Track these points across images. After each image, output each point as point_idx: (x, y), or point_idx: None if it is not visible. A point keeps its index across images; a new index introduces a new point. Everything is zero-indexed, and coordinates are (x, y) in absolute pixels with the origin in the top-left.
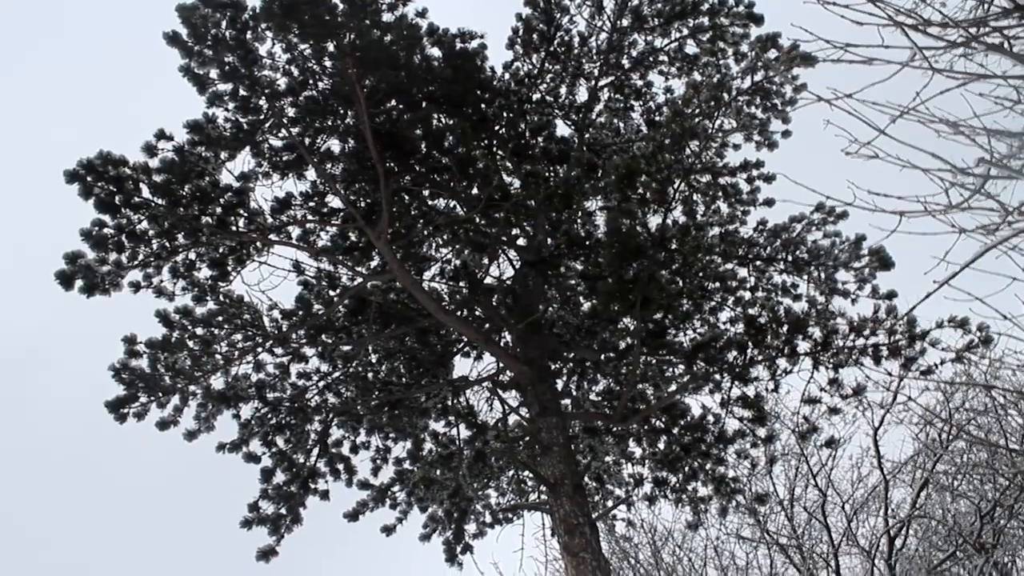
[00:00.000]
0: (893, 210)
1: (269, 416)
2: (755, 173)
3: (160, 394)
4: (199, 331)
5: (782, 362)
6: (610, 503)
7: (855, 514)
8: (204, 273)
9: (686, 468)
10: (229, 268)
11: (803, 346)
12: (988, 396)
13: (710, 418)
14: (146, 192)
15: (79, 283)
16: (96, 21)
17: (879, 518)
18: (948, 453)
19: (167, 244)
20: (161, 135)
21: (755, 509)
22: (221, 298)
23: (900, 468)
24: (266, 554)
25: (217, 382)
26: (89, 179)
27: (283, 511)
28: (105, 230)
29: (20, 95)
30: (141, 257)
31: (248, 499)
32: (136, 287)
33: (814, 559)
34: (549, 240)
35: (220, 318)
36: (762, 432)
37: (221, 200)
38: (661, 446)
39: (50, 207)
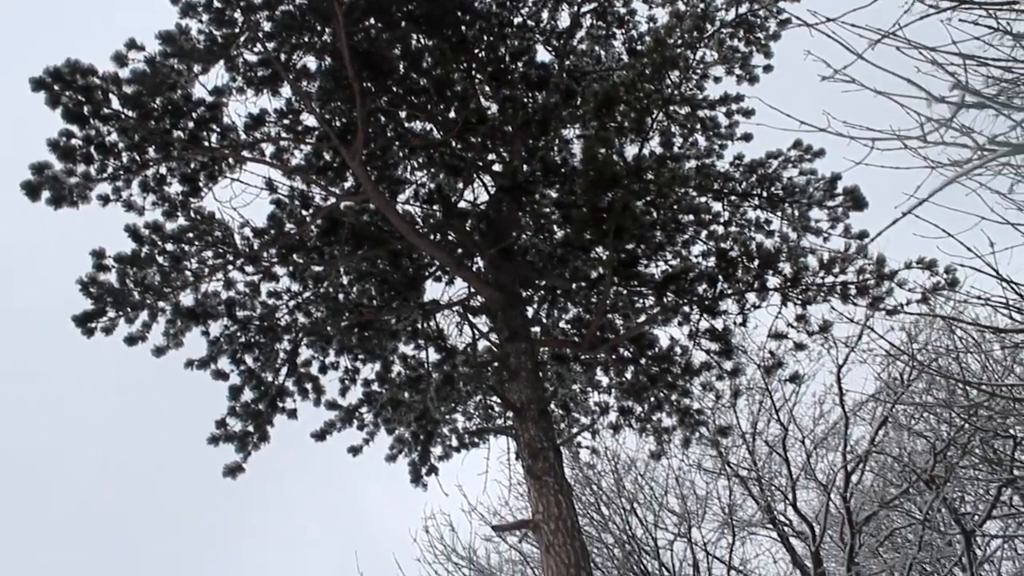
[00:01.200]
0: (867, 137)
1: (238, 334)
2: (734, 107)
3: (129, 309)
4: (169, 247)
5: (751, 296)
6: (575, 430)
7: (815, 449)
8: (175, 188)
9: (652, 398)
10: (200, 184)
11: (773, 281)
12: (950, 337)
13: (677, 350)
14: (116, 103)
15: (46, 194)
16: None
17: (837, 453)
18: (908, 393)
19: (137, 158)
20: (132, 45)
21: (717, 441)
22: (192, 214)
23: (861, 406)
24: (233, 471)
25: (186, 299)
26: (56, 88)
27: (250, 429)
28: (73, 141)
29: None
30: (110, 170)
31: (216, 416)
32: (105, 200)
33: (772, 491)
34: (525, 166)
35: (190, 234)
36: (728, 365)
37: (193, 114)
38: (628, 376)
39: (16, 116)
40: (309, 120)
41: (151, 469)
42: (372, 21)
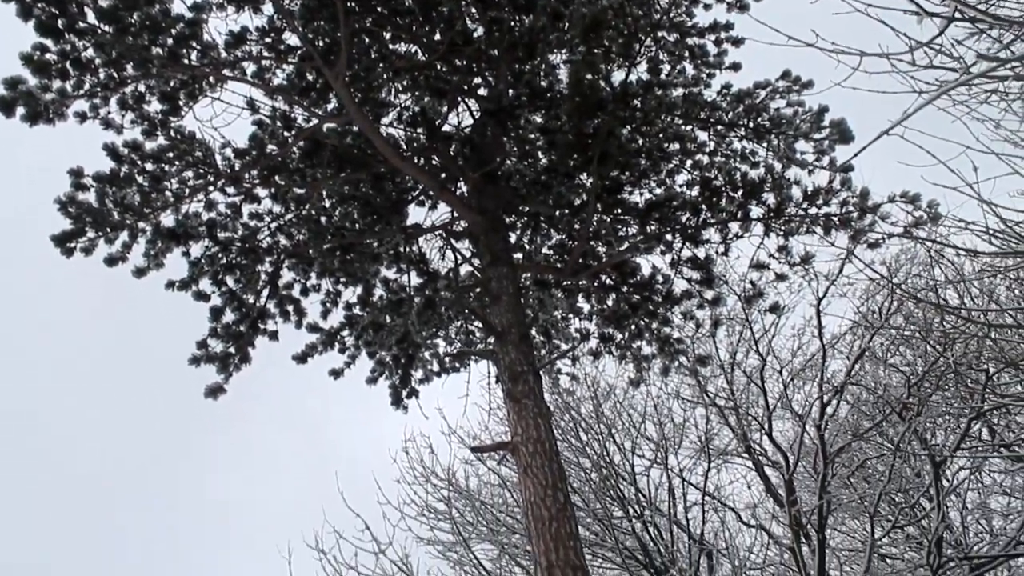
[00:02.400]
0: (854, 52)
1: (219, 255)
2: (724, 35)
3: (108, 230)
4: (149, 167)
5: (734, 226)
6: (555, 355)
7: (791, 380)
8: (154, 107)
9: (632, 326)
10: (180, 103)
11: (756, 212)
12: (929, 272)
13: (659, 278)
14: (92, 17)
15: (21, 110)
16: None
17: (814, 385)
18: (886, 326)
19: (115, 74)
20: None
21: (696, 370)
22: (172, 134)
23: (839, 339)
24: (214, 391)
25: (167, 219)
26: None
27: (232, 350)
28: (48, 55)
29: None
30: (87, 87)
31: (197, 337)
32: (82, 117)
33: (749, 421)
34: (510, 90)
35: (171, 154)
36: (709, 294)
37: (172, 31)
38: (609, 303)
39: None
40: (292, 39)
41: (133, 383)
42: None
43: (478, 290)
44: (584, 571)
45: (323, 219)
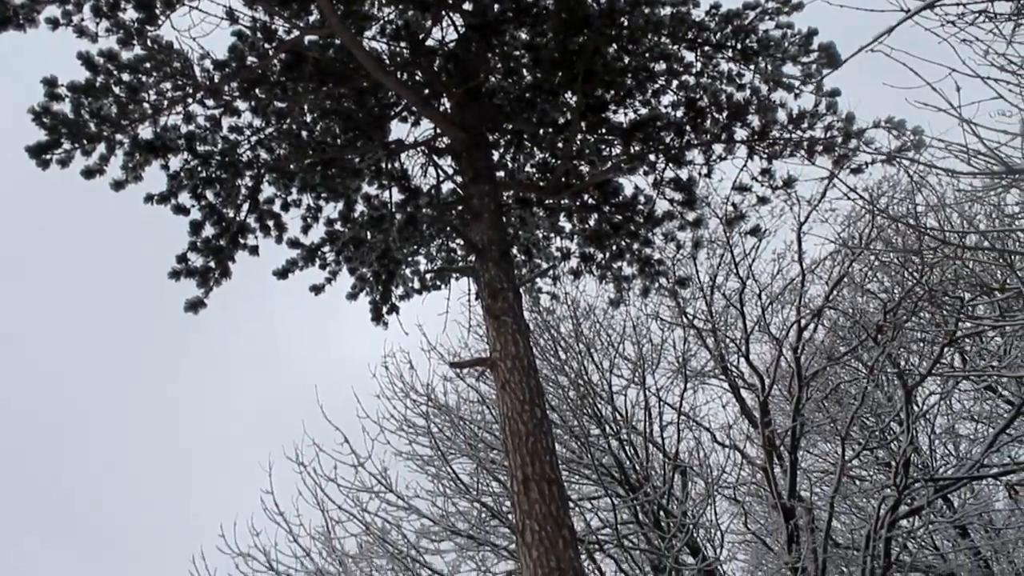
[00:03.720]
0: None
1: (199, 169)
2: None
3: (85, 141)
4: (125, 77)
5: (718, 148)
6: (536, 273)
7: (770, 304)
8: (130, 15)
9: (613, 246)
10: (157, 11)
11: (740, 134)
12: (911, 201)
13: (641, 199)
14: None
15: None
16: None
17: (792, 309)
18: (866, 251)
19: None
20: None
21: (676, 292)
22: (148, 43)
23: (819, 264)
24: (194, 305)
25: (145, 132)
26: None
27: (212, 264)
28: None
29: None
30: None
31: (176, 251)
32: (54, 24)
33: (726, 343)
34: (495, 5)
35: (148, 65)
36: (691, 216)
37: None
38: (591, 223)
39: None
40: None
41: (112, 297)
42: None
43: (460, 208)
44: (559, 484)
45: (304, 134)
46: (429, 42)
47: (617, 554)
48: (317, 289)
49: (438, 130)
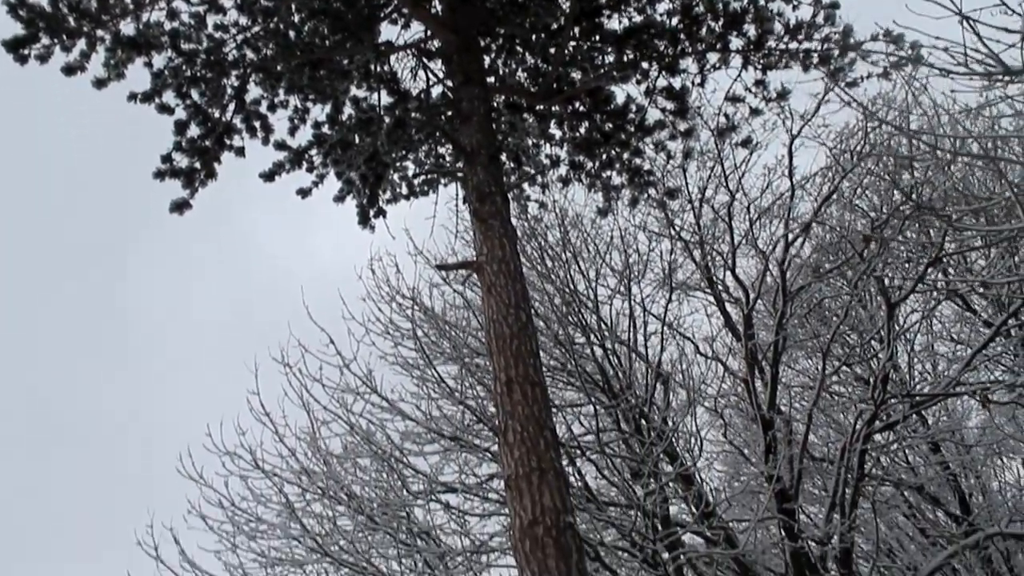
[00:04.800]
0: None
1: (183, 68)
2: None
3: (64, 36)
4: None
5: (712, 57)
6: (525, 183)
7: (758, 218)
8: None
9: (603, 155)
10: None
11: (736, 43)
12: (905, 115)
13: (633, 107)
14: None
15: None
16: None
17: (780, 224)
18: (859, 167)
19: None
20: None
21: (664, 203)
22: None
23: (809, 179)
24: (180, 206)
25: (127, 28)
26: None
27: (197, 165)
28: None
29: None
30: None
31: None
32: None
33: (713, 256)
34: None
35: None
36: (682, 126)
37: None
38: (582, 131)
39: None
40: None
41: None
42: None
43: (449, 111)
44: (542, 387)
45: (291, 33)
46: None
47: (598, 459)
48: (304, 192)
49: (428, 32)
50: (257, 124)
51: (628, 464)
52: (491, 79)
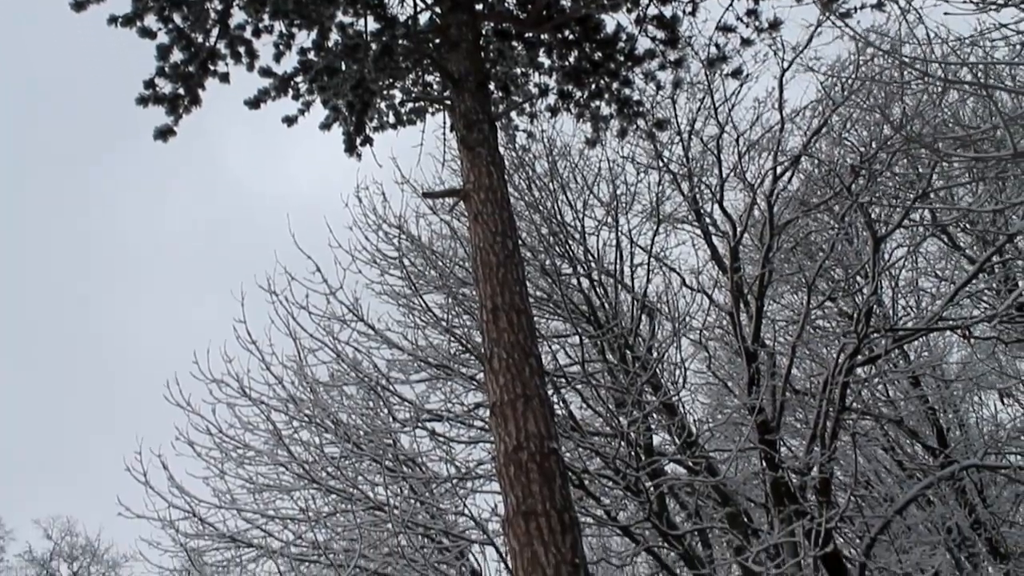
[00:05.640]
0: None
1: None
2: None
3: None
4: None
5: None
6: (514, 112)
7: (747, 151)
8: None
9: (592, 85)
10: None
11: None
12: (898, 48)
13: (623, 36)
14: None
15: None
16: None
17: (769, 157)
18: (851, 99)
19: None
20: None
21: (653, 134)
22: None
23: (800, 112)
24: (164, 133)
25: None
26: None
27: (181, 91)
28: None
29: None
30: None
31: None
32: None
33: (701, 189)
34: None
35: None
36: (672, 55)
37: None
38: (571, 60)
39: None
40: None
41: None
42: None
43: (437, 38)
44: (528, 315)
45: None
46: None
47: (583, 389)
48: (290, 120)
49: None
50: (242, 50)
51: (613, 394)
52: (479, 5)
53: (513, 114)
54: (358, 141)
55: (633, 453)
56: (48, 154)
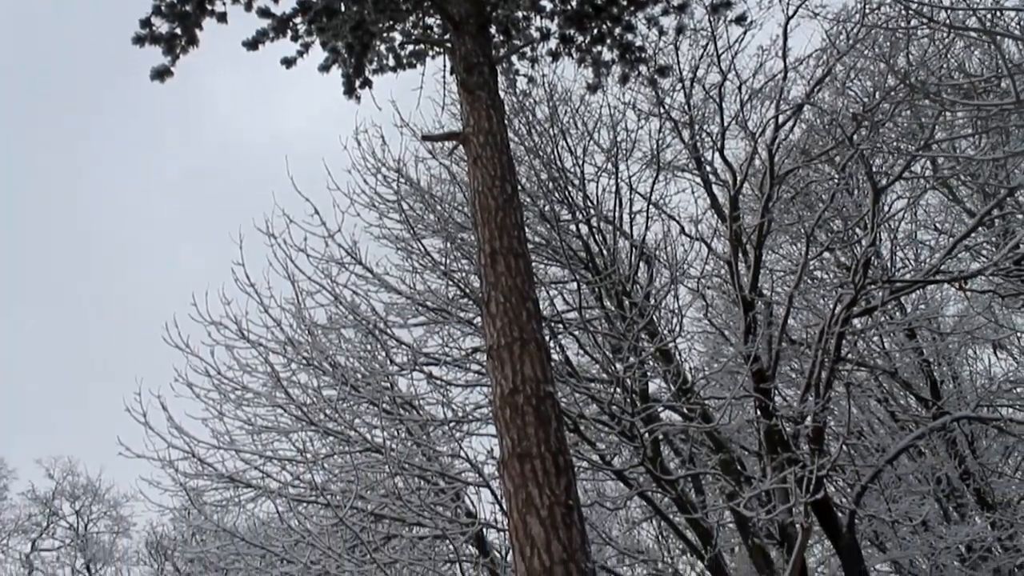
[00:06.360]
0: None
1: None
2: None
3: None
4: None
5: None
6: (514, 56)
7: (749, 100)
8: None
9: (594, 29)
10: None
11: None
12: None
13: None
14: None
15: None
16: None
17: (771, 106)
18: (856, 47)
19: None
20: None
21: (655, 81)
22: None
23: (803, 62)
24: (161, 74)
25: None
26: None
27: (178, 31)
28: None
29: None
30: None
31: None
32: None
33: (702, 137)
34: None
35: None
36: (676, 0)
37: None
38: (573, 3)
39: None
40: None
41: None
42: None
43: None
44: (526, 259)
45: None
46: None
47: (580, 335)
48: (289, 62)
49: None
50: None
51: (609, 341)
52: None
53: (514, 58)
54: (357, 84)
55: (628, 399)
56: (42, 92)
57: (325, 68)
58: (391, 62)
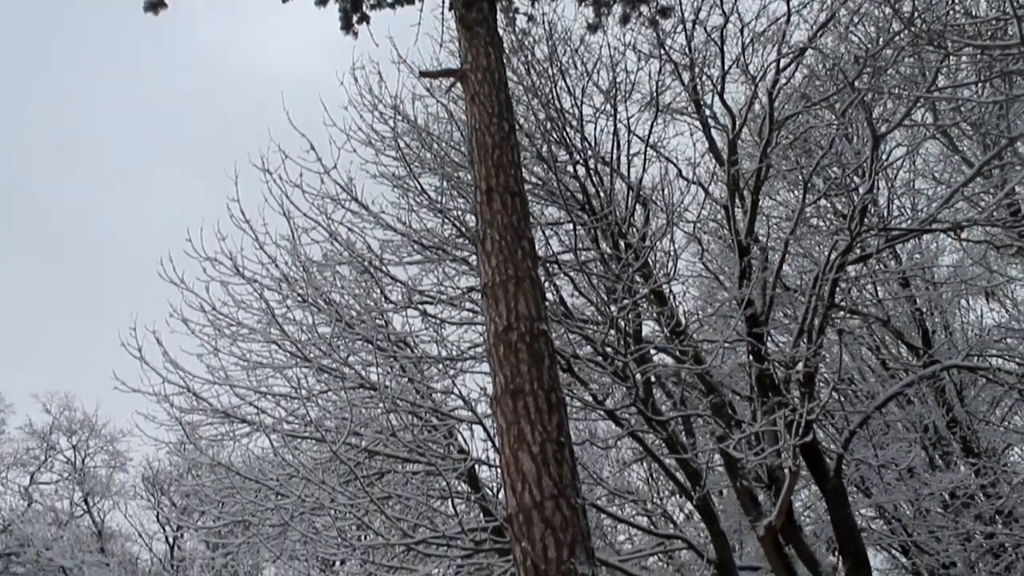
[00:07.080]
0: None
1: None
2: None
3: None
4: None
5: None
6: None
7: (751, 43)
8: None
9: None
10: None
11: None
12: None
13: None
14: None
15: None
16: None
17: (773, 50)
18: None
19: None
20: None
21: (656, 22)
22: None
23: (806, 5)
24: (155, 6)
25: None
26: None
27: None
28: None
29: None
30: None
31: None
32: None
33: (702, 80)
34: None
35: None
36: None
37: None
38: None
39: None
40: None
41: None
42: None
43: None
44: (522, 198)
45: None
46: None
47: (574, 276)
48: None
49: None
50: None
51: (604, 282)
52: None
53: None
54: (355, 18)
55: (622, 340)
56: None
57: (322, 2)
58: None
